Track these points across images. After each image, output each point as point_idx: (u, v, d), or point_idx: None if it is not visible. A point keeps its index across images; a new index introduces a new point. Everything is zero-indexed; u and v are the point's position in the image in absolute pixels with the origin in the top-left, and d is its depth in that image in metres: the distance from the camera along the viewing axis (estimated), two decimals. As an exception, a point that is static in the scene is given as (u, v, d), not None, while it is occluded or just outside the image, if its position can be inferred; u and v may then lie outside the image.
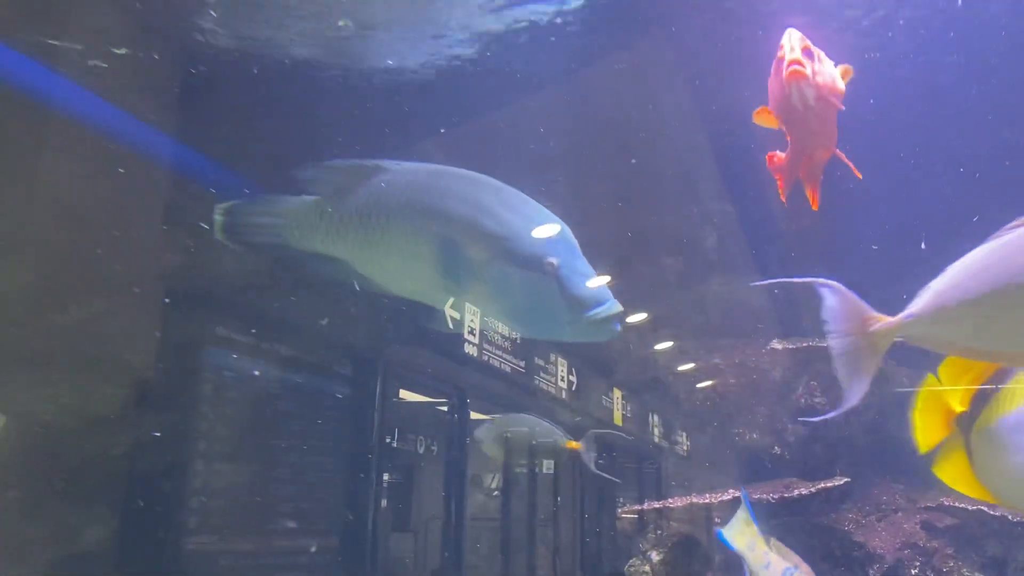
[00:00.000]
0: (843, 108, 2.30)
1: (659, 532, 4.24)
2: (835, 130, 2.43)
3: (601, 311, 2.74)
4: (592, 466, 4.72)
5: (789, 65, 2.15)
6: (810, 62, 2.18)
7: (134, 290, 3.48)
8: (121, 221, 3.43)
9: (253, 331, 4.28)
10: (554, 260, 2.77)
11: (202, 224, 3.78)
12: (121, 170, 3.32)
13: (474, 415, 6.40)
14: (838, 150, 2.46)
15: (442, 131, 4.27)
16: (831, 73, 2.28)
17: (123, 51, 3.27)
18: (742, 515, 3.81)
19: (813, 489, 4.16)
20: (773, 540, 3.76)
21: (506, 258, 2.82)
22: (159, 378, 3.64)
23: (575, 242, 2.85)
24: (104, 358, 3.38)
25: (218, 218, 3.20)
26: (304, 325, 4.38)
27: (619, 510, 5.82)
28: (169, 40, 3.44)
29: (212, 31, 3.52)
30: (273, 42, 3.62)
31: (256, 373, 4.34)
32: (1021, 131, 4.66)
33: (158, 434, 3.61)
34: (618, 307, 2.75)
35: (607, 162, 4.56)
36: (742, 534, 3.78)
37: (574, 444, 4.97)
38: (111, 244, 3.36)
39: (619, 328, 2.84)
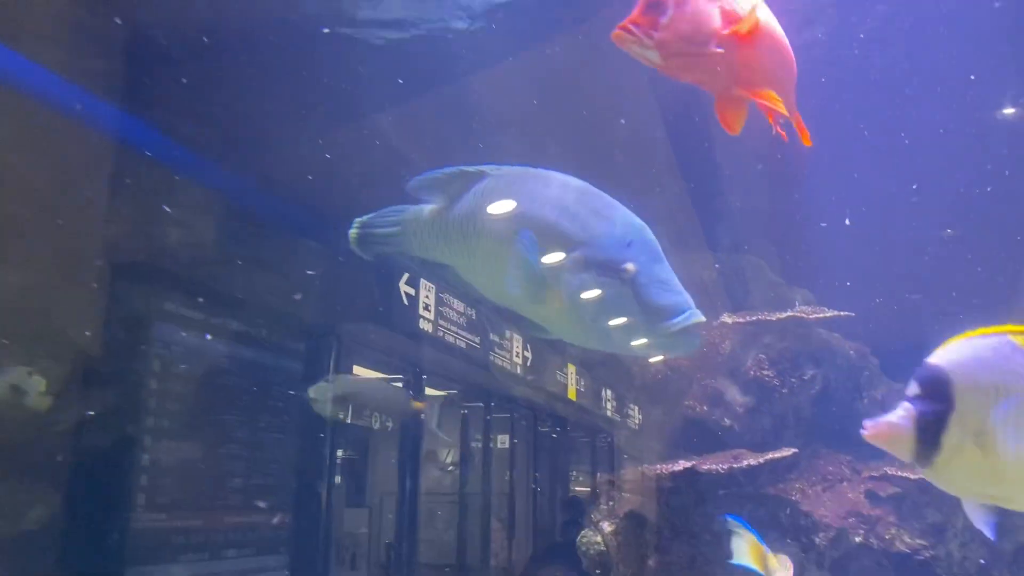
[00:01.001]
0: (746, 42, 2.12)
1: (611, 503, 4.29)
2: (759, 67, 2.18)
3: (679, 321, 2.57)
4: (434, 426, 4.69)
5: (617, 29, 2.08)
6: (656, 15, 2.05)
7: (78, 263, 3.39)
8: (65, 193, 3.32)
9: (203, 306, 4.20)
10: (631, 266, 2.60)
11: (165, 208, 3.71)
12: (64, 140, 3.21)
13: (430, 391, 6.40)
14: (781, 105, 2.26)
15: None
16: (700, 15, 2.11)
17: (68, 19, 3.16)
18: (747, 537, 3.78)
19: (761, 460, 4.26)
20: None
21: (581, 263, 2.69)
22: (104, 353, 3.56)
23: (658, 248, 2.68)
24: (46, 333, 3.28)
25: (353, 231, 3.14)
26: (255, 301, 4.30)
27: (571, 482, 5.88)
28: (117, 9, 3.32)
29: (160, 1, 3.42)
30: (222, 13, 3.52)
31: (206, 349, 4.27)
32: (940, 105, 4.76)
33: (103, 411, 3.53)
34: (699, 317, 2.57)
35: (563, 134, 4.55)
36: (754, 555, 3.77)
37: (419, 404, 4.92)
38: (54, 215, 3.26)
39: (699, 340, 2.70)
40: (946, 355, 1.85)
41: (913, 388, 1.84)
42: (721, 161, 4.84)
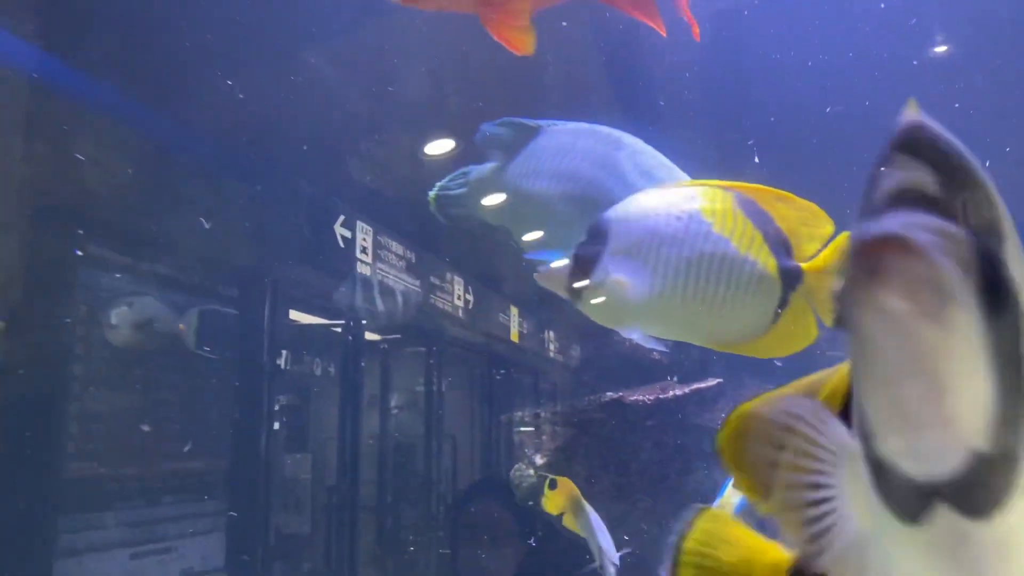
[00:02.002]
0: None
1: (543, 437, 4.39)
2: None
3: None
4: (192, 346, 4.42)
5: None
6: None
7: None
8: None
9: (129, 250, 4.10)
10: None
11: (87, 148, 3.56)
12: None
13: (369, 336, 6.39)
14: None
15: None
16: None
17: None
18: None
19: (687, 390, 4.37)
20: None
21: None
22: (26, 300, 3.46)
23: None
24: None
25: (432, 194, 2.97)
26: (184, 244, 4.21)
27: (511, 422, 5.97)
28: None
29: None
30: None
31: (133, 293, 4.18)
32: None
33: (29, 358, 3.45)
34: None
35: (498, 75, 4.49)
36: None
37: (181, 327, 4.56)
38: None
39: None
40: (619, 207, 2.04)
41: (582, 236, 2.04)
42: (663, 97, 4.84)
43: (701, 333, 2.08)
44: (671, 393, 4.28)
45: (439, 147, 5.73)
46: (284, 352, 5.14)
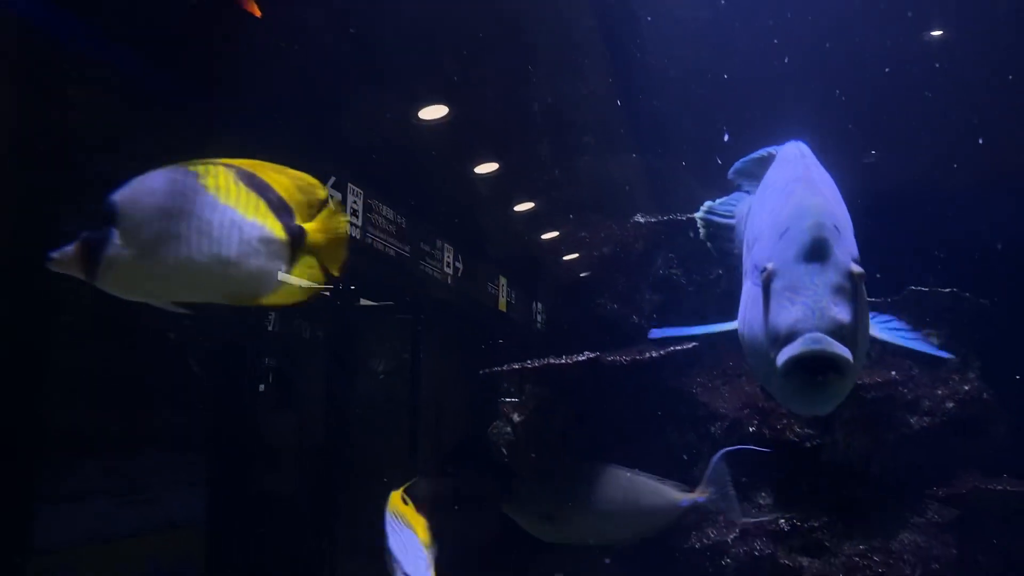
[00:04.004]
0: None
1: (522, 396, 4.41)
2: None
3: (783, 353, 1.80)
4: None
5: None
6: None
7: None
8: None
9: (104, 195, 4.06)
10: (771, 265, 1.92)
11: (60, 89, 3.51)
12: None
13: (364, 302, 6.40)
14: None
15: None
16: None
17: None
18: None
19: (663, 352, 4.39)
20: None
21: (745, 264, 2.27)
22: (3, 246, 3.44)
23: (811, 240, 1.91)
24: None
25: (699, 215, 2.85)
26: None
27: (496, 388, 5.99)
28: None
29: None
30: None
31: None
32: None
33: (5, 310, 3.44)
34: (810, 347, 1.75)
35: (487, 37, 4.47)
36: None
37: None
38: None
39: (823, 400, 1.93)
40: (124, 189, 2.16)
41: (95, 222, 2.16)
42: (649, 59, 4.83)
43: (221, 292, 2.26)
44: (648, 355, 4.30)
45: (432, 112, 5.72)
46: (272, 314, 5.14)
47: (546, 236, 6.65)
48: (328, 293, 5.71)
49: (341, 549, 5.22)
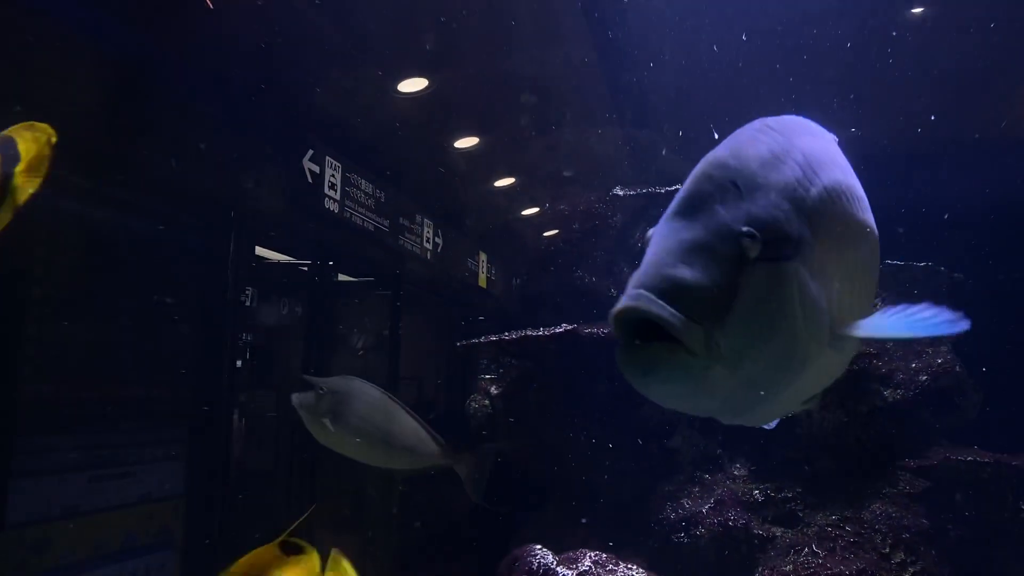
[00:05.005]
0: None
1: (500, 370, 4.41)
2: None
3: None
4: None
5: None
6: None
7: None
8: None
9: (89, 173, 4.02)
10: (652, 230, 1.67)
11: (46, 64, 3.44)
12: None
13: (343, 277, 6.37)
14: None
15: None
16: None
17: None
18: None
19: (642, 324, 4.39)
20: None
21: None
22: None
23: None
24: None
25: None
26: (147, 168, 4.13)
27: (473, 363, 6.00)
28: None
29: None
30: None
31: (95, 219, 4.11)
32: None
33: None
34: (620, 306, 1.42)
35: (467, 9, 4.43)
36: None
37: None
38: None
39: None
40: None
41: None
42: (632, 33, 4.82)
43: None
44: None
45: (412, 85, 5.68)
46: (249, 289, 5.11)
47: (526, 212, 6.64)
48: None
49: (319, 521, 5.24)
